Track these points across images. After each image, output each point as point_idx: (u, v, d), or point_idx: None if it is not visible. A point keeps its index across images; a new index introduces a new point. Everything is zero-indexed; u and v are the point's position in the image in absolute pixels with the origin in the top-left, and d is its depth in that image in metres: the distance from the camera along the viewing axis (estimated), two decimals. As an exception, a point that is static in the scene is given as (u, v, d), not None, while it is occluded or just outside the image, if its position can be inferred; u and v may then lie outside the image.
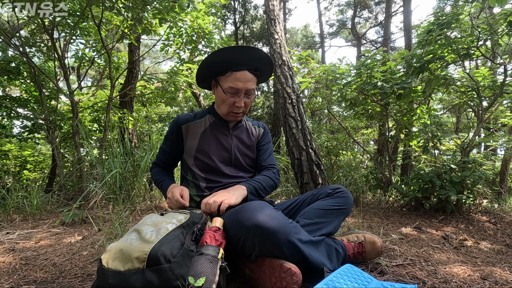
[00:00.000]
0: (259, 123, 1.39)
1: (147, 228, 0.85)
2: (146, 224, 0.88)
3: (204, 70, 1.18)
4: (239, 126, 1.30)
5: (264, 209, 0.89)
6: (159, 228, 0.85)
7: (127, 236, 0.85)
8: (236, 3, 10.98)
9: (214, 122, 1.25)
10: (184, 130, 1.23)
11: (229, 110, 1.18)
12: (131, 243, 0.80)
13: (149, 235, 0.81)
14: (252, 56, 1.14)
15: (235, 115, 1.21)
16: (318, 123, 8.12)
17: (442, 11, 2.22)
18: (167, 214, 0.99)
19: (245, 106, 1.20)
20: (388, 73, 2.50)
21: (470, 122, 3.49)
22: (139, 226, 0.88)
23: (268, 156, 1.32)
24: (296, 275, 0.84)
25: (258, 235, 0.86)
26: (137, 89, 4.21)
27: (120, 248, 0.78)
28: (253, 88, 1.18)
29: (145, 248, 0.76)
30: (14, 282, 1.05)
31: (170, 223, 0.88)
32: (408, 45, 5.67)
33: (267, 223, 0.85)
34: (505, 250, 1.43)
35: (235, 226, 0.91)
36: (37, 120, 3.55)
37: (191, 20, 3.33)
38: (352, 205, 1.17)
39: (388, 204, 2.61)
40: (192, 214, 0.97)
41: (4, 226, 1.92)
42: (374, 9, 15.09)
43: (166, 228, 0.85)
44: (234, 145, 1.25)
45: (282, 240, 0.87)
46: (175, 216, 0.93)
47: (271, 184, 1.23)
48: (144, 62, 16.09)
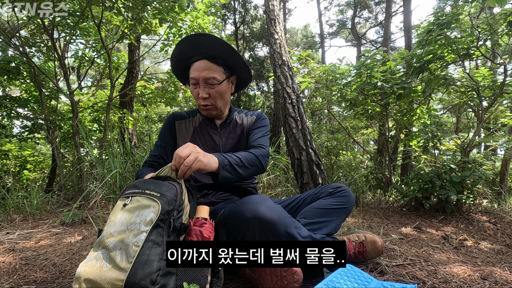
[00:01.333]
0: (254, 112, 1.30)
1: (115, 244, 0.71)
2: (112, 236, 0.73)
3: (174, 68, 1.18)
4: (228, 122, 1.25)
5: (264, 201, 0.90)
6: (127, 245, 0.70)
7: (95, 254, 0.73)
8: (236, 3, 10.98)
9: (202, 121, 1.23)
10: (177, 126, 1.21)
11: (198, 103, 1.15)
12: (101, 269, 0.68)
13: (119, 258, 0.69)
14: (204, 43, 1.09)
15: (205, 108, 1.15)
16: (318, 123, 8.12)
17: (442, 11, 2.22)
18: (132, 204, 0.78)
19: (212, 97, 1.12)
20: (388, 73, 2.50)
21: (470, 122, 3.49)
22: (105, 239, 0.74)
23: (259, 137, 1.19)
24: (297, 274, 0.84)
25: (258, 225, 0.86)
26: (137, 89, 4.21)
27: (90, 278, 0.67)
28: (213, 77, 1.09)
29: (117, 281, 0.65)
30: (14, 282, 1.05)
31: (138, 234, 0.71)
32: (408, 45, 5.67)
33: (267, 214, 0.86)
34: (505, 250, 1.43)
35: (236, 218, 0.91)
36: (37, 120, 3.55)
37: (190, 20, 3.33)
38: (354, 204, 1.16)
39: (388, 204, 2.61)
40: (163, 199, 0.77)
41: (4, 226, 1.92)
42: (374, 9, 15.09)
43: (135, 245, 0.70)
44: (222, 143, 1.21)
45: (281, 232, 0.87)
46: (142, 216, 0.74)
47: (253, 163, 1.04)
48: (144, 62, 16.10)
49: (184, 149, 0.86)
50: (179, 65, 1.17)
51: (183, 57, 1.13)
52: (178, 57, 1.14)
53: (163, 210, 0.75)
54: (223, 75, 1.13)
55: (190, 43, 1.09)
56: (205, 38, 1.08)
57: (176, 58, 1.15)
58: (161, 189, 0.80)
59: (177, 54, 1.14)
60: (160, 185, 0.81)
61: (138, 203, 0.77)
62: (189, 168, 0.85)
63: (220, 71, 1.12)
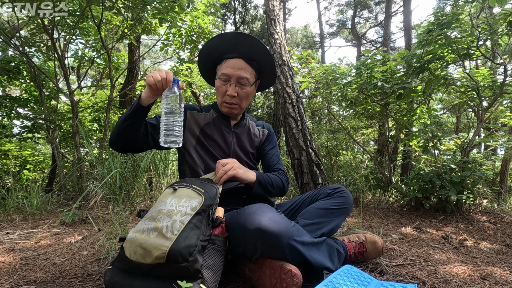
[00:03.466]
0: (263, 123, 1.35)
1: (163, 219, 0.86)
2: (162, 212, 0.88)
3: (203, 58, 1.18)
4: (241, 125, 1.27)
5: (266, 212, 0.88)
6: (174, 221, 0.85)
7: (144, 224, 0.88)
8: (236, 3, 10.98)
9: (216, 118, 1.23)
10: (189, 115, 1.19)
11: (223, 100, 1.16)
12: (149, 237, 0.83)
13: (165, 230, 0.83)
14: (246, 44, 1.11)
15: (229, 106, 1.17)
16: (318, 123, 8.12)
17: (442, 11, 2.21)
18: (180, 192, 0.94)
19: (239, 97, 1.15)
20: (388, 73, 2.50)
21: (470, 122, 3.49)
22: (155, 214, 0.89)
23: (277, 161, 1.30)
24: (297, 277, 0.85)
25: (260, 238, 0.85)
26: (137, 89, 4.21)
27: (140, 243, 0.83)
28: (246, 77, 1.13)
29: (163, 246, 0.79)
30: (14, 282, 1.05)
31: (184, 215, 0.86)
32: (408, 45, 5.67)
33: (269, 226, 0.84)
34: (505, 250, 1.43)
35: (237, 229, 0.90)
36: (37, 120, 3.55)
37: (190, 20, 3.33)
38: (352, 204, 1.17)
39: (388, 204, 2.61)
40: (206, 195, 0.93)
41: (4, 226, 1.92)
42: (374, 9, 15.10)
43: (181, 222, 0.84)
44: (234, 142, 1.23)
45: (284, 244, 0.86)
46: (189, 202, 0.90)
47: (279, 186, 1.20)
48: (144, 62, 16.08)
49: (224, 160, 1.07)
50: (209, 57, 1.18)
51: (218, 51, 1.15)
52: (213, 48, 1.14)
53: (206, 202, 0.90)
54: (253, 78, 1.18)
55: (231, 39, 1.11)
56: (248, 39, 1.11)
57: (211, 48, 1.15)
58: (206, 187, 0.96)
59: (212, 45, 1.14)
60: (205, 185, 0.97)
61: (186, 193, 0.93)
62: (226, 174, 1.03)
63: (252, 73, 1.17)
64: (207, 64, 1.21)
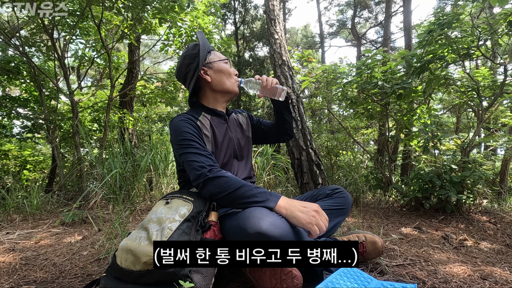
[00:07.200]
0: (235, 110, 1.35)
1: (153, 227, 0.90)
2: (152, 221, 0.92)
3: (189, 61, 1.16)
4: (230, 118, 1.25)
5: (266, 216, 0.86)
6: (163, 228, 0.88)
7: (136, 233, 0.92)
8: (236, 3, 10.98)
9: (212, 118, 1.19)
10: (199, 124, 1.12)
11: (234, 79, 1.21)
12: (140, 243, 0.86)
13: (154, 236, 0.86)
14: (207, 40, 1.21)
15: (238, 86, 1.24)
16: (318, 123, 8.12)
17: (442, 11, 2.21)
18: (172, 204, 0.98)
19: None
20: (389, 73, 2.50)
21: (470, 122, 3.49)
22: (147, 223, 0.93)
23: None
24: (297, 278, 0.85)
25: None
26: (137, 89, 4.21)
27: (130, 249, 0.86)
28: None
29: (151, 253, 0.81)
30: (14, 282, 1.05)
31: (173, 222, 0.89)
32: (408, 45, 5.66)
33: (270, 231, 0.82)
34: (505, 250, 1.43)
35: (237, 232, 0.88)
36: (37, 120, 3.56)
37: (190, 20, 3.33)
38: (351, 205, 1.17)
39: (388, 204, 2.61)
40: (195, 202, 0.97)
41: (4, 226, 1.92)
42: (374, 9, 15.09)
43: (169, 229, 0.87)
44: (234, 136, 1.21)
45: None
46: (178, 210, 0.93)
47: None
48: (144, 62, 16.08)
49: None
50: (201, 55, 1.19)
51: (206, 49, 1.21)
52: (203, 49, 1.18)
53: (195, 209, 0.94)
54: None
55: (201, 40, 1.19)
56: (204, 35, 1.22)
57: (204, 51, 1.18)
58: (195, 195, 1.00)
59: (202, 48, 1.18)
60: (194, 193, 1.02)
61: (176, 203, 0.98)
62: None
63: None
64: (192, 66, 1.18)
